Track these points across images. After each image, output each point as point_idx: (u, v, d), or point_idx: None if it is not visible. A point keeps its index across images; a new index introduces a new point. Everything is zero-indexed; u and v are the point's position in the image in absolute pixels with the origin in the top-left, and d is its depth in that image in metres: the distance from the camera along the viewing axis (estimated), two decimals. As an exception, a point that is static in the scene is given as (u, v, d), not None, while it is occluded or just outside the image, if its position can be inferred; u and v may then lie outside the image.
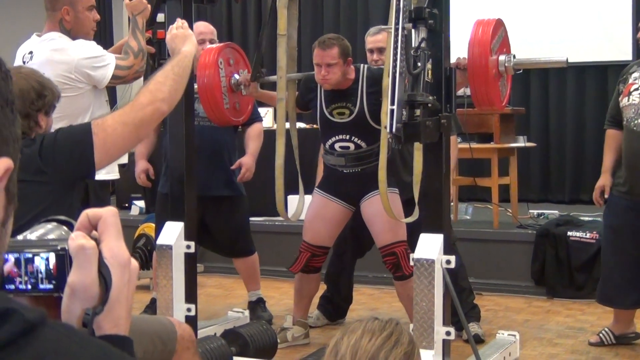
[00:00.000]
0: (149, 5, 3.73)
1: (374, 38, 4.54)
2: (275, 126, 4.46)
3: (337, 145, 4.16)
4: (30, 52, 3.63)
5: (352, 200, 4.26)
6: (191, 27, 3.88)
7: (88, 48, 3.63)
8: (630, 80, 4.12)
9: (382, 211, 4.08)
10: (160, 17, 3.86)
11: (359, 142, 4.12)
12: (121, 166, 7.69)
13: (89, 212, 0.99)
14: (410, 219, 3.79)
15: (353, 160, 4.17)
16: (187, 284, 3.71)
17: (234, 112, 4.34)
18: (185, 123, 3.78)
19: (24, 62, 3.59)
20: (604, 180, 4.31)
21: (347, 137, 4.13)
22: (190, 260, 3.74)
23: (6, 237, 0.82)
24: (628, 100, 4.08)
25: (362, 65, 4.20)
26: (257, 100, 4.68)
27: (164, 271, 3.65)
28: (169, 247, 3.66)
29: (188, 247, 3.69)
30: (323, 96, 4.16)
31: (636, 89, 4.06)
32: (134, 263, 0.99)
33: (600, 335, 4.30)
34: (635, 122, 4.01)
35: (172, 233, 3.69)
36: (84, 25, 3.69)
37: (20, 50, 3.72)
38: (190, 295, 3.73)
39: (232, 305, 5.05)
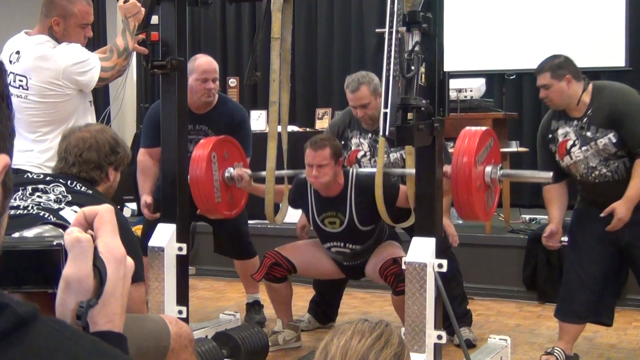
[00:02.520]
0: (143, 9, 3.71)
1: (354, 95, 4.41)
2: (267, 129, 4.45)
3: (333, 249, 4.29)
4: (18, 52, 3.59)
5: (347, 275, 4.50)
6: (185, 29, 3.89)
7: (73, 53, 3.58)
8: (561, 138, 3.97)
9: (381, 248, 4.15)
10: (154, 19, 3.86)
11: (353, 247, 4.24)
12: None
13: (85, 210, 0.99)
14: (406, 224, 3.82)
15: (350, 258, 4.31)
16: (178, 286, 3.70)
17: (226, 206, 4.36)
18: (178, 126, 3.78)
19: (10, 61, 3.56)
20: (555, 227, 4.07)
21: (341, 244, 4.25)
22: (182, 263, 3.74)
23: (1, 229, 0.82)
24: (571, 159, 3.94)
25: (350, 170, 4.22)
26: (250, 107, 4.69)
27: (155, 273, 3.65)
28: (161, 249, 3.65)
29: (180, 249, 3.68)
30: (314, 204, 4.23)
31: (573, 145, 3.93)
32: (130, 260, 0.99)
33: (555, 354, 4.10)
34: (593, 174, 3.91)
35: (164, 235, 3.69)
36: (72, 38, 3.62)
37: (7, 45, 3.68)
38: (182, 298, 3.73)
39: (224, 308, 5.05)
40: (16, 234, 0.99)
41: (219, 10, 9.25)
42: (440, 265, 3.25)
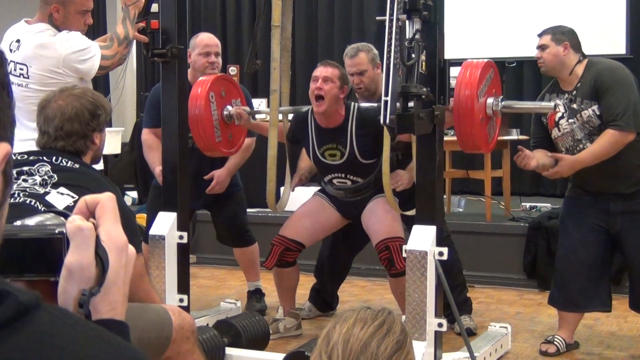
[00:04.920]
0: None
1: (352, 61, 4.43)
2: (268, 117, 4.45)
3: (335, 181, 4.25)
4: (18, 40, 3.59)
5: (349, 217, 4.36)
6: (185, 17, 3.88)
7: (74, 41, 3.57)
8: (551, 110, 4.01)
9: (378, 212, 4.15)
10: (154, 7, 3.85)
11: (354, 178, 4.20)
12: (114, 156, 7.71)
13: (87, 198, 0.99)
14: (411, 212, 3.83)
15: (352, 193, 4.26)
16: (179, 275, 3.71)
17: (226, 144, 4.36)
18: (178, 114, 3.78)
19: (10, 50, 3.55)
20: (529, 151, 3.96)
21: (343, 175, 4.21)
22: (183, 251, 3.74)
23: (2, 219, 0.82)
24: (559, 131, 3.98)
25: (352, 103, 4.18)
26: (252, 97, 4.71)
27: (156, 261, 3.65)
28: (162, 238, 3.66)
29: (181, 237, 3.69)
30: (314, 137, 4.19)
31: (562, 117, 3.96)
32: (131, 248, 0.99)
33: (555, 343, 4.11)
34: (578, 148, 3.93)
35: (165, 223, 3.69)
36: (72, 26, 3.63)
37: (7, 34, 3.67)
38: (183, 286, 3.73)
39: (225, 296, 5.05)
40: (18, 222, 0.99)
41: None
42: (440, 253, 3.25)
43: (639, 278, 4.02)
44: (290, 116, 4.42)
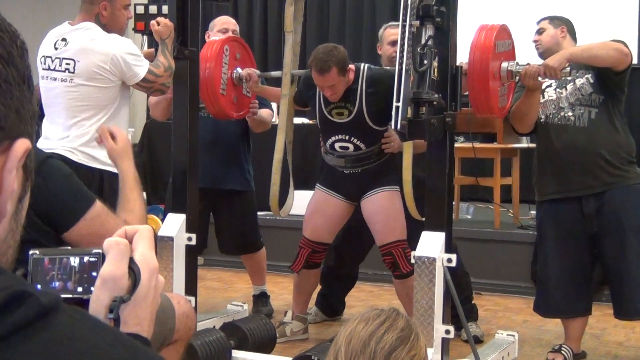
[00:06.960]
0: (172, 26, 3.74)
1: (395, 30, 4.34)
2: (277, 121, 4.44)
3: (337, 145, 4.15)
4: (64, 39, 3.65)
5: (353, 198, 4.26)
6: (197, 19, 3.89)
7: (128, 44, 3.68)
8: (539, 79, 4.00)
9: (382, 210, 4.11)
10: (164, 8, 3.88)
11: (358, 143, 4.11)
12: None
13: (128, 228, 1.06)
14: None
15: (352, 162, 4.16)
16: (187, 276, 3.71)
17: (230, 105, 4.33)
18: (189, 115, 3.79)
19: (55, 48, 3.64)
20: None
21: (347, 137, 4.11)
22: (191, 253, 3.74)
23: (23, 211, 0.85)
24: (543, 98, 3.99)
25: (362, 65, 4.15)
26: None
27: (164, 263, 3.66)
28: (170, 239, 3.66)
29: (189, 239, 3.69)
30: (322, 96, 4.12)
31: (549, 86, 4.01)
32: (161, 278, 1.06)
33: (563, 352, 4.08)
34: (559, 116, 3.95)
35: (174, 225, 3.70)
36: (118, 21, 3.74)
37: (50, 34, 3.73)
38: (190, 288, 3.74)
39: (232, 299, 5.05)
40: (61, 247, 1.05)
41: (232, 4, 9.23)
42: (449, 260, 3.25)
43: (619, 280, 3.95)
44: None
